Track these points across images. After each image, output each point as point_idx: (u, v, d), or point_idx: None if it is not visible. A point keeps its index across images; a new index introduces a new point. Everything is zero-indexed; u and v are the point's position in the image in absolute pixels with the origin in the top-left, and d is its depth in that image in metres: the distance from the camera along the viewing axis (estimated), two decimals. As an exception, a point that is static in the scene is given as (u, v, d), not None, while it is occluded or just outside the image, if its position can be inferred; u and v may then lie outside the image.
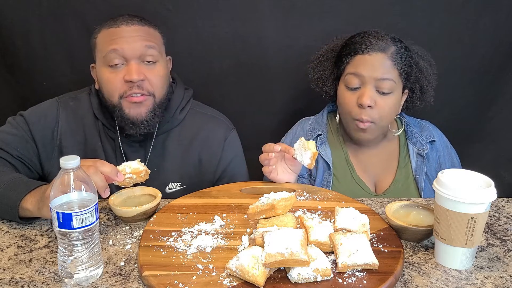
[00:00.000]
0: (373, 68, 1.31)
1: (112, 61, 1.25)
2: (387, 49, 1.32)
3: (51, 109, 1.37)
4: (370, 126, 1.34)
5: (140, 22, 1.29)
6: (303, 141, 1.18)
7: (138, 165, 1.12)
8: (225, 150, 1.43)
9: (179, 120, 1.41)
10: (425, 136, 1.46)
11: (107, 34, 1.27)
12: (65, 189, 0.82)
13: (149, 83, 1.27)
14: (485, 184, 0.90)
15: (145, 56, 1.26)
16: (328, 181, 1.42)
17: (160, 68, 1.30)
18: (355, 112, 1.34)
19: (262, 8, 1.66)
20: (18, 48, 1.67)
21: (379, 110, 1.33)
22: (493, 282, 0.88)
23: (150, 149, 1.37)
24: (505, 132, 1.81)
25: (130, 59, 1.25)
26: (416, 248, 0.99)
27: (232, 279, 0.83)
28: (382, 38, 1.34)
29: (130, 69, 1.24)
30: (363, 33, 1.37)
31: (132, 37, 1.25)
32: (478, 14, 1.67)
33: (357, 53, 1.34)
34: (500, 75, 1.75)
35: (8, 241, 1.00)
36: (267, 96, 1.78)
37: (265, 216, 0.95)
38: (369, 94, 1.31)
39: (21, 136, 1.31)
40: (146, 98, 1.27)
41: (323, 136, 1.46)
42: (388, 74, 1.31)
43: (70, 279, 0.84)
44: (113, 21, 1.28)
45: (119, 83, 1.25)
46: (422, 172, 1.42)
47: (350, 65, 1.35)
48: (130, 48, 1.24)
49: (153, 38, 1.30)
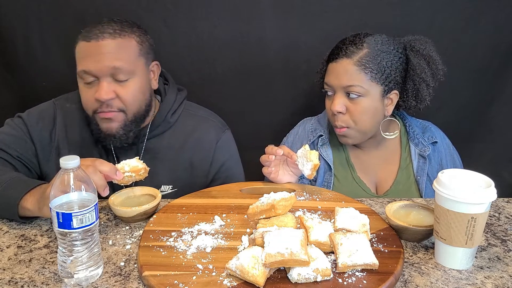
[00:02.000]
0: (339, 76, 1.32)
1: (85, 79, 1.24)
2: (353, 55, 1.31)
3: (48, 111, 1.37)
4: (346, 132, 1.36)
5: (113, 35, 1.22)
6: (306, 150, 1.17)
7: (137, 163, 1.12)
8: (216, 153, 1.42)
9: (170, 123, 1.39)
10: (427, 137, 1.45)
11: (81, 48, 1.24)
12: (65, 189, 0.82)
13: (120, 100, 1.25)
14: (485, 184, 0.90)
15: (116, 75, 1.23)
16: (329, 182, 1.42)
17: (132, 84, 1.26)
18: (332, 119, 1.38)
19: (263, 7, 1.66)
20: (18, 48, 1.67)
21: (351, 115, 1.33)
22: (493, 282, 0.88)
23: (142, 152, 1.37)
24: (505, 132, 1.81)
25: (100, 77, 1.22)
26: (416, 248, 0.99)
27: (232, 279, 0.83)
28: (350, 42, 1.33)
29: (99, 89, 1.22)
30: (343, 39, 1.37)
31: (100, 55, 1.20)
32: (478, 14, 1.67)
33: (329, 61, 1.37)
34: (500, 75, 1.75)
35: (8, 241, 1.00)
36: (267, 96, 1.78)
37: (265, 216, 0.95)
38: (338, 101, 1.33)
39: (20, 137, 1.31)
40: (115, 115, 1.25)
41: (324, 137, 1.46)
42: (353, 81, 1.30)
43: (70, 279, 0.84)
44: (87, 32, 1.23)
45: (91, 100, 1.24)
46: (424, 173, 1.41)
47: (326, 74, 1.38)
48: (98, 68, 1.21)
49: (124, 54, 1.24)
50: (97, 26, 1.24)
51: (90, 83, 1.24)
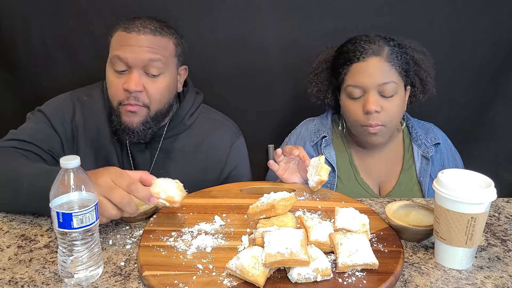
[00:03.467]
0: (372, 74, 1.30)
1: (116, 66, 1.25)
2: (381, 51, 1.31)
3: (66, 102, 1.38)
4: (381, 130, 1.33)
5: (153, 32, 1.26)
6: (320, 162, 1.16)
7: (174, 193, 0.97)
8: (230, 156, 1.44)
9: (187, 125, 1.41)
10: (430, 139, 1.46)
11: (119, 37, 1.27)
12: (65, 189, 0.82)
13: (147, 95, 1.27)
14: (485, 184, 0.90)
15: (149, 68, 1.25)
16: (332, 183, 1.42)
17: (162, 81, 1.29)
18: (362, 119, 1.33)
19: (263, 8, 1.66)
20: (18, 48, 1.67)
21: (387, 113, 1.32)
22: (493, 282, 0.88)
23: (156, 152, 1.38)
24: (505, 132, 1.81)
25: (133, 67, 1.25)
26: (416, 248, 0.99)
27: (232, 279, 0.83)
28: (373, 41, 1.33)
29: (130, 79, 1.24)
30: (353, 39, 1.36)
31: (139, 47, 1.24)
32: (478, 14, 1.67)
33: (352, 61, 1.32)
34: (500, 75, 1.75)
35: (8, 241, 1.00)
36: (267, 96, 1.78)
37: (265, 216, 0.95)
38: (373, 100, 1.30)
39: (45, 130, 1.31)
40: (139, 109, 1.26)
41: (328, 138, 1.46)
42: (387, 78, 1.30)
43: (70, 279, 0.84)
44: (128, 23, 1.27)
45: (120, 89, 1.26)
46: (427, 174, 1.41)
47: (348, 76, 1.34)
48: (133, 58, 1.24)
49: (161, 50, 1.27)
50: (139, 19, 1.28)
51: (120, 72, 1.25)
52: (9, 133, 1.28)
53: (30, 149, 1.24)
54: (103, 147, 1.37)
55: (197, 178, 1.40)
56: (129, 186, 0.92)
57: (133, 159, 1.38)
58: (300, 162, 1.24)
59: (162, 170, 1.38)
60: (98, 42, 1.65)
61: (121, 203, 0.91)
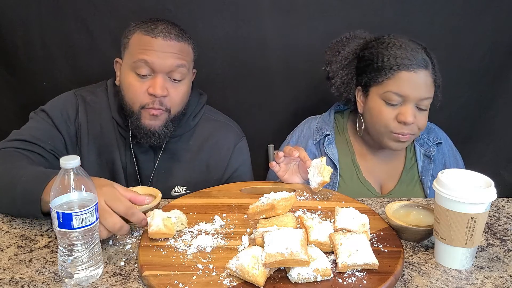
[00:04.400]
0: (419, 87, 1.28)
1: (140, 70, 1.24)
2: (428, 65, 1.29)
3: (70, 101, 1.37)
4: (410, 138, 1.34)
5: (178, 37, 1.27)
6: (322, 163, 1.16)
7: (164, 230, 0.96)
8: (233, 157, 1.44)
9: (191, 126, 1.41)
10: (432, 138, 1.46)
11: (142, 40, 1.25)
12: (65, 189, 0.82)
13: (170, 100, 1.27)
14: (485, 184, 0.90)
15: (173, 74, 1.26)
16: (334, 182, 1.42)
17: (184, 86, 1.31)
18: (394, 126, 1.31)
19: (263, 8, 1.66)
20: (18, 48, 1.67)
21: (418, 124, 1.32)
22: (493, 282, 0.88)
23: (160, 152, 1.38)
24: (505, 132, 1.81)
25: (158, 72, 1.24)
26: (416, 248, 0.99)
27: (232, 279, 0.83)
28: (419, 51, 1.30)
29: (156, 83, 1.24)
30: (399, 42, 1.31)
31: (166, 53, 1.24)
32: (478, 14, 1.67)
33: (400, 68, 1.28)
34: (500, 75, 1.75)
35: (8, 241, 1.00)
36: (267, 96, 1.78)
37: (265, 216, 0.95)
38: (411, 112, 1.29)
39: (48, 129, 1.30)
40: (162, 113, 1.27)
41: (330, 137, 1.45)
42: (430, 93, 1.30)
43: (70, 279, 0.84)
44: (151, 27, 1.26)
45: (143, 94, 1.25)
46: (428, 173, 1.42)
47: (392, 81, 1.29)
48: (161, 64, 1.24)
49: (185, 56, 1.29)
50: (160, 23, 1.27)
51: (143, 76, 1.25)
52: (12, 133, 1.28)
53: (33, 149, 1.23)
54: (106, 146, 1.37)
55: (200, 178, 1.40)
56: (126, 212, 0.92)
57: (136, 159, 1.38)
58: (301, 163, 1.24)
59: (165, 170, 1.38)
60: (98, 42, 1.65)
61: (112, 228, 0.91)
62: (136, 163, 1.38)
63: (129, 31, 1.30)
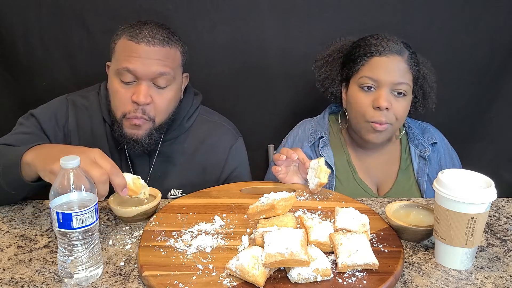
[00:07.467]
0: (391, 71, 1.31)
1: (124, 77, 1.23)
2: (403, 53, 1.33)
3: (60, 107, 1.37)
4: (387, 128, 1.33)
5: (162, 42, 1.23)
6: (319, 164, 1.16)
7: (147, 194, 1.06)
8: (229, 158, 1.43)
9: (185, 128, 1.40)
10: (427, 138, 1.46)
11: (126, 46, 1.23)
12: (65, 189, 0.82)
13: (154, 107, 1.25)
14: (485, 184, 0.90)
15: (158, 80, 1.24)
16: (330, 184, 1.41)
17: (169, 92, 1.28)
18: (370, 114, 1.32)
19: (262, 8, 1.66)
20: (18, 48, 1.67)
21: (395, 112, 1.32)
22: (493, 282, 0.88)
23: (155, 156, 1.37)
24: (505, 132, 1.81)
25: (141, 79, 1.23)
26: (416, 248, 0.99)
27: (232, 279, 0.83)
28: (396, 41, 1.34)
29: (139, 91, 1.22)
30: (376, 35, 1.37)
31: (149, 59, 1.21)
32: (478, 14, 1.67)
33: (373, 54, 1.32)
34: (500, 75, 1.75)
35: (8, 241, 1.00)
36: (267, 97, 1.78)
37: (265, 216, 0.95)
38: (385, 97, 1.30)
39: (36, 134, 1.30)
40: (144, 122, 1.25)
41: (325, 139, 1.45)
42: (404, 78, 1.31)
43: (70, 279, 0.84)
44: (136, 31, 1.23)
45: (126, 100, 1.24)
46: (424, 174, 1.42)
47: (366, 67, 1.33)
48: (144, 70, 1.21)
49: (170, 62, 1.26)
50: (145, 27, 1.24)
51: (127, 83, 1.23)
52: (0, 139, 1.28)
53: None
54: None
55: (196, 180, 1.39)
56: (111, 169, 0.94)
57: (131, 162, 1.37)
58: (300, 164, 1.24)
59: (161, 173, 1.38)
60: (98, 42, 1.65)
61: (99, 179, 0.90)
62: (131, 167, 1.37)
63: (116, 35, 1.28)
